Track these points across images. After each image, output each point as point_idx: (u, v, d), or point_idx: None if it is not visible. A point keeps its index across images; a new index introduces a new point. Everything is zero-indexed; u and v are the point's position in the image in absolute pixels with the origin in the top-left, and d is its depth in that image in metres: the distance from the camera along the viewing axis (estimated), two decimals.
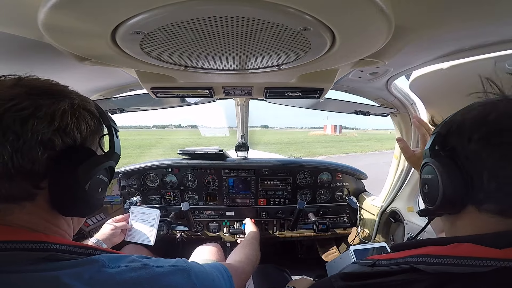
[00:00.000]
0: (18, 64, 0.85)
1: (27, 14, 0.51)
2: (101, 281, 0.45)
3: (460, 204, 0.52)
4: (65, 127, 0.47)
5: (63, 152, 0.47)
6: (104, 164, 0.55)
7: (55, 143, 0.46)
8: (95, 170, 0.52)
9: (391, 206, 1.79)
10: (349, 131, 74.16)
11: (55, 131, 0.46)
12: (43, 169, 0.46)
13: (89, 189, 0.50)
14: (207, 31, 0.54)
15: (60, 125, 0.46)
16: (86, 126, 0.51)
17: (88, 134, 0.52)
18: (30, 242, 0.44)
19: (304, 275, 1.53)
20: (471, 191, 0.49)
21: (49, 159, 0.46)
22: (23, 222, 0.47)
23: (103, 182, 0.56)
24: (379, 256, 0.61)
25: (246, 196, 2.00)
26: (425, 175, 0.58)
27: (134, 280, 0.48)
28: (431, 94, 1.19)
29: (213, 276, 0.66)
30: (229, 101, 1.81)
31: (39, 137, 0.44)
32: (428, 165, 0.56)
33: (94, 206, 0.56)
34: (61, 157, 0.47)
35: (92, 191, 0.52)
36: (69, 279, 0.43)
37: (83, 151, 0.51)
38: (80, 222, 0.62)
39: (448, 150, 0.53)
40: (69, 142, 0.48)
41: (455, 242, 0.50)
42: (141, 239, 1.45)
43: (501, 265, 0.42)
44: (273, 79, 1.00)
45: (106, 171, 0.56)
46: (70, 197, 0.49)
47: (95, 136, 0.56)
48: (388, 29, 0.55)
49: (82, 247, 0.51)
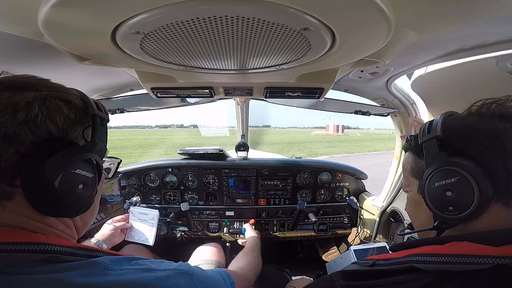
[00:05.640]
0: (18, 64, 0.85)
1: (27, 13, 0.51)
2: (104, 284, 0.44)
3: (488, 204, 0.50)
4: (35, 119, 0.43)
5: (35, 147, 0.44)
6: (79, 157, 0.48)
7: (22, 136, 0.42)
8: (65, 164, 0.46)
9: (391, 206, 1.79)
10: (351, 131, 74.03)
11: (22, 124, 0.42)
12: (12, 166, 0.42)
13: (60, 185, 0.45)
14: (207, 31, 0.54)
15: (28, 117, 0.43)
16: (62, 117, 0.47)
17: (66, 125, 0.48)
18: (29, 244, 0.43)
19: (304, 275, 1.53)
20: (497, 188, 0.49)
21: (18, 154, 0.43)
22: (11, 221, 0.45)
23: (84, 178, 0.49)
24: (378, 256, 0.61)
25: (246, 196, 2.00)
26: (442, 180, 0.52)
27: (137, 284, 0.47)
28: (433, 94, 1.19)
29: (216, 281, 0.65)
30: (230, 100, 1.81)
31: (1, 131, 0.41)
32: (447, 169, 0.52)
33: (78, 205, 0.51)
34: (33, 151, 0.44)
35: (66, 187, 0.46)
36: (76, 279, 0.43)
37: (58, 144, 0.46)
38: (85, 223, 0.59)
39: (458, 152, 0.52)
40: (44, 135, 0.44)
41: (452, 241, 0.50)
42: (141, 239, 1.46)
43: (498, 262, 0.43)
44: (273, 79, 1.00)
45: (87, 165, 0.50)
46: (41, 195, 0.45)
47: (78, 127, 0.51)
48: (388, 29, 0.55)
49: (84, 248, 0.50)
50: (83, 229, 0.59)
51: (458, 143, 0.53)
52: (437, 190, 0.53)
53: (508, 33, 0.69)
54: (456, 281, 0.46)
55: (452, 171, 0.51)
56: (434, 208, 0.55)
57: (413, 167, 0.64)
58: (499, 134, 0.48)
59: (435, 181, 0.54)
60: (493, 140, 0.48)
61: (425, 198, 0.56)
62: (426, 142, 0.57)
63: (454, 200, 0.51)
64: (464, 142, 0.52)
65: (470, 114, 0.55)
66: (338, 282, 0.59)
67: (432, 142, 0.56)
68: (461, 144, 0.52)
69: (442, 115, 0.58)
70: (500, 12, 0.54)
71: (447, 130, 0.55)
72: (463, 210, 0.50)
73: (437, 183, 0.53)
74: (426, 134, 0.58)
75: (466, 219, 0.51)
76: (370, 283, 0.55)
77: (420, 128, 0.61)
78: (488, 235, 0.48)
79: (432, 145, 0.56)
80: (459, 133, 0.54)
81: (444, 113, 0.59)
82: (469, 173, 0.49)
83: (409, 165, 0.66)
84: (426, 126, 0.59)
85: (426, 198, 0.56)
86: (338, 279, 0.60)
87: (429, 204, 0.56)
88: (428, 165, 0.56)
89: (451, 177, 0.51)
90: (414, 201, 0.65)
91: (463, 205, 0.50)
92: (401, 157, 1.74)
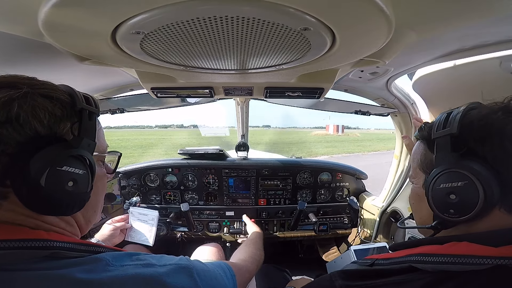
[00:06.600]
0: (18, 64, 0.85)
1: (27, 13, 0.51)
2: (105, 280, 0.45)
3: (491, 209, 0.49)
4: (17, 118, 0.42)
5: (21, 146, 0.43)
6: (63, 153, 0.47)
7: (6, 136, 0.42)
8: (49, 162, 0.45)
9: (391, 206, 1.79)
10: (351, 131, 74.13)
11: (4, 123, 0.42)
12: (0, 167, 0.42)
13: (47, 183, 0.44)
14: (207, 31, 0.54)
15: (9, 116, 0.42)
16: (46, 114, 0.46)
17: (52, 122, 0.47)
18: (32, 240, 0.43)
19: (305, 275, 1.53)
20: (505, 194, 0.47)
21: (5, 154, 0.42)
22: (9, 219, 0.46)
23: (73, 174, 0.48)
24: (377, 256, 0.61)
25: (246, 196, 2.00)
26: (449, 183, 0.51)
27: (138, 278, 0.47)
28: (434, 94, 1.19)
29: (216, 275, 0.65)
30: (230, 100, 1.82)
31: None
32: (456, 172, 0.50)
33: (71, 203, 0.50)
34: (19, 151, 0.43)
35: (53, 185, 0.45)
36: (79, 275, 0.43)
37: (45, 142, 0.45)
38: (88, 220, 0.59)
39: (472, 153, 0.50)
40: (29, 133, 0.44)
41: (451, 241, 0.50)
42: (141, 239, 1.46)
43: (497, 263, 0.43)
44: (273, 79, 1.00)
45: (75, 162, 0.48)
46: (30, 194, 0.45)
47: (66, 123, 0.49)
48: (388, 29, 0.55)
49: (86, 244, 0.50)
50: (86, 227, 0.59)
51: (473, 143, 0.50)
52: (441, 191, 0.52)
53: (509, 33, 0.69)
54: (455, 281, 0.46)
55: (461, 175, 0.49)
56: (435, 208, 0.54)
57: (422, 159, 0.61)
58: None
59: (441, 182, 0.52)
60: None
61: (428, 196, 0.55)
62: (439, 138, 0.54)
63: (456, 203, 0.51)
64: (480, 142, 0.49)
65: (492, 111, 0.50)
66: (337, 282, 0.59)
67: (446, 139, 0.52)
68: (477, 144, 0.49)
69: (463, 107, 0.53)
70: (500, 12, 0.54)
71: (464, 127, 0.51)
72: (464, 214, 0.50)
73: (442, 184, 0.52)
74: (441, 129, 0.54)
75: (465, 222, 0.51)
76: (369, 282, 0.55)
77: (436, 119, 0.57)
78: (488, 236, 0.48)
79: (445, 143, 0.53)
80: (477, 132, 0.50)
81: (467, 105, 0.54)
82: (479, 179, 0.47)
83: (418, 156, 0.62)
84: (443, 119, 0.55)
85: (429, 197, 0.55)
86: (337, 279, 0.60)
87: (430, 203, 0.55)
88: (438, 164, 0.54)
89: (459, 181, 0.50)
90: (417, 194, 0.63)
91: (464, 209, 0.50)
92: (401, 157, 1.74)
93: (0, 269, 0.41)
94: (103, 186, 0.64)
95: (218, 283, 0.64)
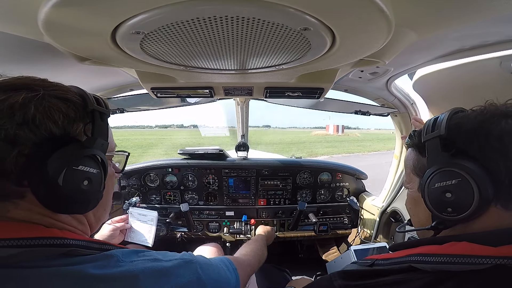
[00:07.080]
0: (18, 64, 0.85)
1: (28, 13, 0.51)
2: (118, 274, 0.47)
3: (487, 207, 0.50)
4: (33, 119, 0.44)
5: (37, 146, 0.44)
6: (79, 153, 0.48)
7: (23, 137, 0.43)
8: (66, 161, 0.46)
9: (391, 206, 1.79)
10: (351, 131, 74.10)
11: (20, 125, 0.43)
12: (18, 167, 0.43)
13: (64, 182, 0.46)
14: (207, 31, 0.54)
15: (26, 117, 0.43)
16: (61, 115, 0.47)
17: (66, 123, 0.48)
18: (48, 238, 0.45)
19: (304, 275, 1.53)
20: (498, 191, 0.48)
21: (22, 155, 0.43)
22: (25, 218, 0.47)
23: (88, 173, 0.50)
24: (377, 256, 0.62)
25: (246, 196, 2.00)
26: (443, 181, 0.52)
27: (147, 271, 0.50)
28: (435, 94, 1.19)
29: (218, 268, 0.67)
30: (230, 100, 1.82)
31: (1, 133, 0.42)
32: (448, 170, 0.51)
33: (86, 201, 0.52)
34: (36, 151, 0.44)
35: (70, 184, 0.47)
36: (93, 271, 0.45)
37: (60, 142, 0.47)
38: (98, 219, 0.61)
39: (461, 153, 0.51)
40: (45, 134, 0.45)
41: (450, 241, 0.51)
42: (140, 239, 1.46)
43: (496, 262, 0.43)
44: (273, 79, 1.00)
45: (89, 161, 0.50)
46: (48, 193, 0.46)
47: (79, 124, 0.51)
48: (388, 29, 0.55)
49: (98, 242, 0.53)
50: (96, 225, 0.61)
51: (462, 144, 0.52)
52: (437, 190, 0.54)
53: (509, 33, 0.69)
54: (455, 281, 0.46)
55: (453, 173, 0.51)
56: (433, 208, 0.55)
57: (415, 164, 0.63)
58: (504, 135, 0.48)
59: (436, 182, 0.53)
60: (499, 142, 0.48)
61: (425, 197, 0.56)
62: (429, 140, 0.56)
63: (453, 201, 0.52)
64: (468, 142, 0.51)
65: (477, 113, 0.53)
66: (337, 282, 0.59)
67: (435, 141, 0.55)
68: (465, 144, 0.51)
69: (448, 112, 0.56)
70: (500, 12, 0.54)
71: (452, 129, 0.53)
72: (462, 211, 0.51)
73: (437, 184, 0.53)
74: (430, 132, 0.56)
75: (464, 220, 0.52)
76: (369, 282, 0.55)
77: (424, 125, 0.60)
78: (487, 236, 0.48)
79: (435, 145, 0.55)
80: (464, 133, 0.52)
81: (451, 110, 0.57)
82: (471, 176, 0.48)
83: (411, 161, 0.65)
84: (431, 123, 0.57)
85: (426, 198, 0.56)
86: (337, 279, 0.60)
87: (428, 204, 0.56)
88: (430, 165, 0.55)
89: (452, 179, 0.51)
90: (413, 199, 0.65)
91: (461, 207, 0.51)
92: (401, 157, 1.75)
93: (17, 266, 0.42)
94: (112, 185, 0.66)
95: (221, 276, 0.66)
